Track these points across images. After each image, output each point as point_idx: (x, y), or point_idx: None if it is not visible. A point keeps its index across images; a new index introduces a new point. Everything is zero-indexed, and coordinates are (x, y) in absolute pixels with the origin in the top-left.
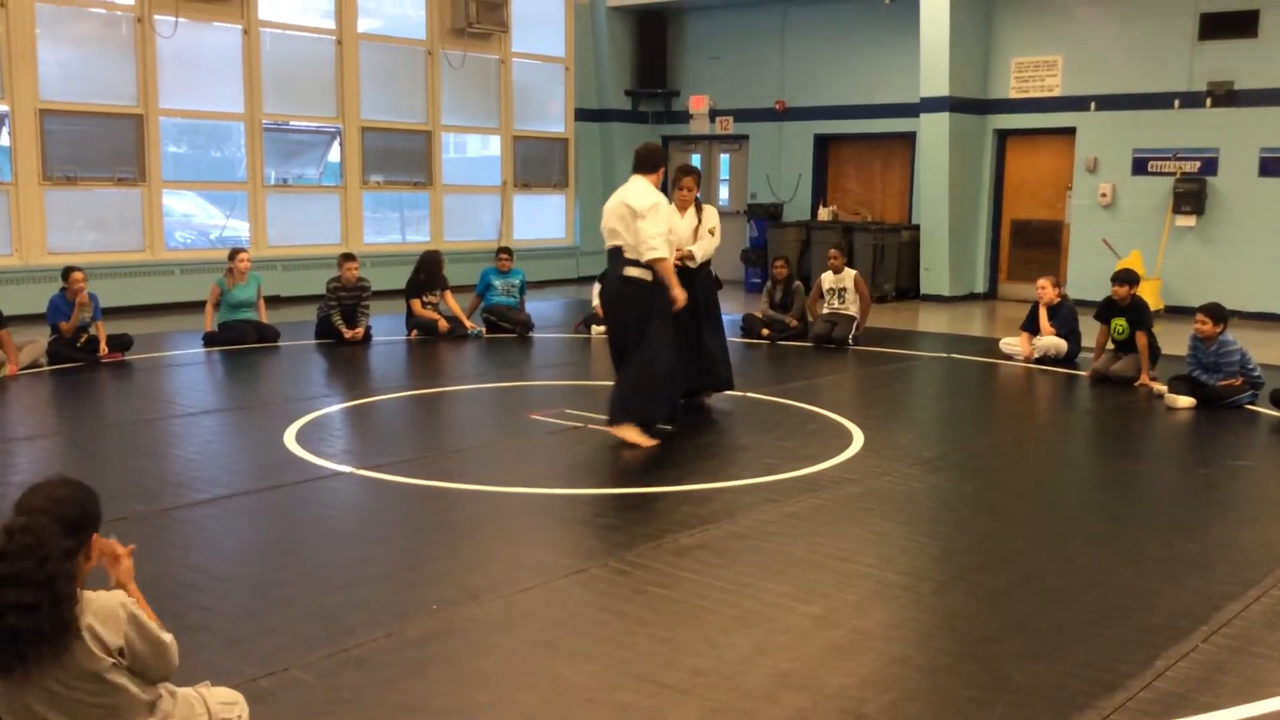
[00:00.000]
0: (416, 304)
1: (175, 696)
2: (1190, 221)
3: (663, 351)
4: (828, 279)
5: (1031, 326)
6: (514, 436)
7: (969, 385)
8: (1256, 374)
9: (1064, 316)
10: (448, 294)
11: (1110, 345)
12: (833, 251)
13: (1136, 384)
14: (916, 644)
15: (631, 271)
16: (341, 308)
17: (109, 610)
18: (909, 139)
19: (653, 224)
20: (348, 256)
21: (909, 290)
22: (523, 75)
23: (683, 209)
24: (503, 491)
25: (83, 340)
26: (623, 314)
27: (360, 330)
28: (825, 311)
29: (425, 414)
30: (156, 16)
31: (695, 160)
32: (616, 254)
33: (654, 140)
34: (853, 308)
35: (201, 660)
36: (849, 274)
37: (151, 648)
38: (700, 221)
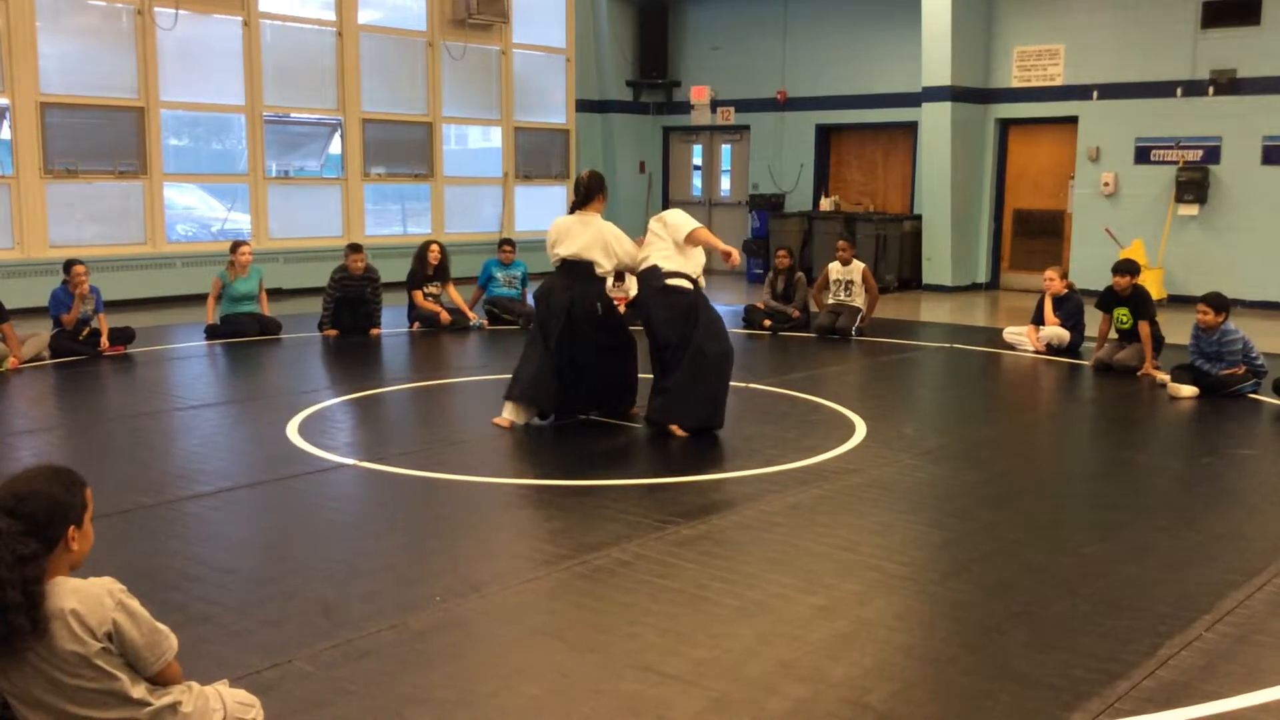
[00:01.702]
0: (418, 295)
1: (192, 689)
2: (1193, 210)
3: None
4: (835, 270)
5: (1037, 318)
6: (516, 429)
7: (972, 375)
8: (1259, 363)
9: (1070, 309)
10: (450, 285)
11: (1114, 335)
12: (841, 243)
13: (1139, 373)
14: (920, 634)
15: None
16: (346, 296)
17: (94, 596)
18: (911, 129)
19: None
20: (354, 248)
21: (911, 280)
22: (523, 66)
23: None
24: (505, 483)
25: (85, 333)
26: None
27: (377, 331)
28: (831, 302)
29: (427, 406)
30: (157, 9)
31: (697, 151)
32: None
33: (653, 130)
34: (859, 299)
35: (205, 652)
36: (857, 266)
37: (145, 637)
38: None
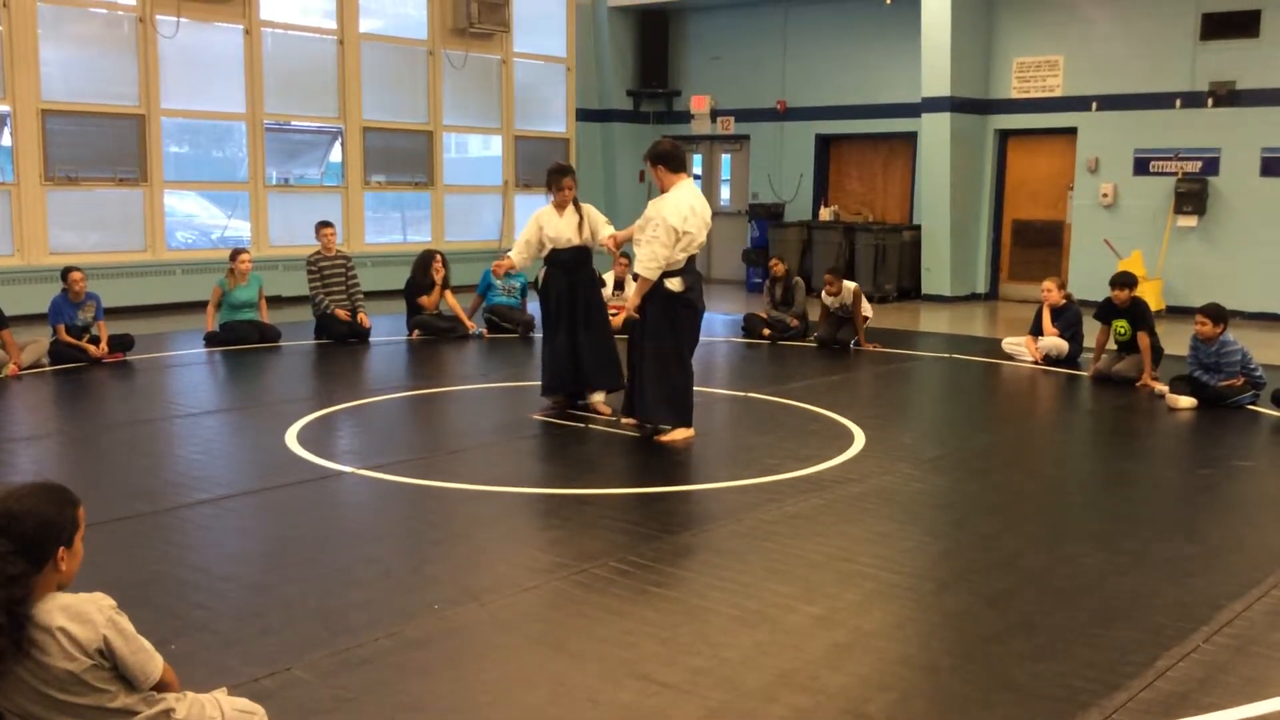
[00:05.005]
0: (426, 300)
1: (185, 697)
2: (1192, 222)
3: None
4: (829, 301)
5: (1036, 329)
6: (515, 437)
7: (970, 385)
8: (1258, 374)
9: (1068, 319)
10: (448, 293)
11: (1113, 345)
12: (828, 277)
13: (1138, 384)
14: (918, 644)
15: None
16: (327, 285)
17: (85, 613)
18: (910, 139)
19: None
20: (325, 223)
21: (910, 290)
22: (524, 75)
23: (562, 209)
24: (504, 491)
25: (85, 340)
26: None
27: (364, 315)
28: (835, 308)
29: (426, 414)
30: (158, 16)
31: (697, 161)
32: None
33: (653, 139)
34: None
35: (203, 660)
36: (848, 289)
37: (134, 655)
38: (582, 218)
